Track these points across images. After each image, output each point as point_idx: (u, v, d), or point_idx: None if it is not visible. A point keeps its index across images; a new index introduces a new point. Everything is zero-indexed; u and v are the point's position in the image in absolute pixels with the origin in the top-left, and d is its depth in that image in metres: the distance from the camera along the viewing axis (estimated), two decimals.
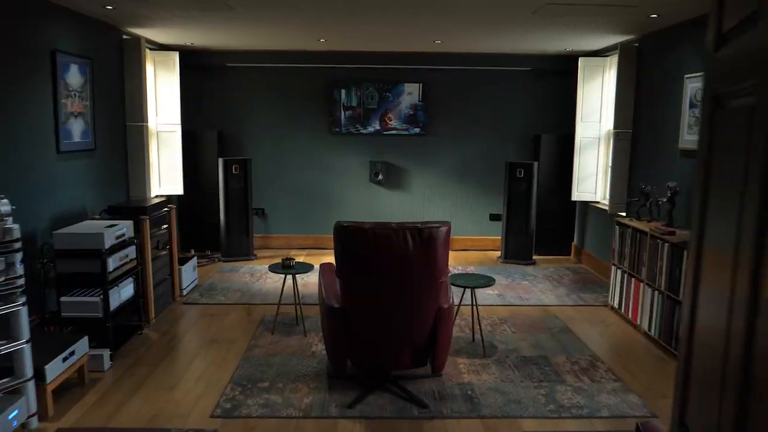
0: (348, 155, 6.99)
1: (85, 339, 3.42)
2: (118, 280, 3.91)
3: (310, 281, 5.70)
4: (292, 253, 6.91)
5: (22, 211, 3.65)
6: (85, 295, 3.71)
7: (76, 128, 4.45)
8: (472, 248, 7.18)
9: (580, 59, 6.20)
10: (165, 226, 4.81)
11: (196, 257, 5.53)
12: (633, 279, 4.56)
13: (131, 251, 4.08)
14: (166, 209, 4.87)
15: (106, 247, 3.72)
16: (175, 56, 6.13)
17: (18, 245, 2.82)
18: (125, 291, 4.01)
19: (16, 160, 3.74)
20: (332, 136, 6.96)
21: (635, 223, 4.56)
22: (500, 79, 6.89)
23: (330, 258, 6.37)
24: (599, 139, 6.23)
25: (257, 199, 7.05)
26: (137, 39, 5.25)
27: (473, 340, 4.19)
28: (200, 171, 6.68)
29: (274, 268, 4.30)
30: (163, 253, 4.80)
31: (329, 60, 6.68)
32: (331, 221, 6.92)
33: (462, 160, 7.02)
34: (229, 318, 4.65)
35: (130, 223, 4.09)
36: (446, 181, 7.05)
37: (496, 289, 5.52)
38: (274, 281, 5.70)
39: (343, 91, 6.83)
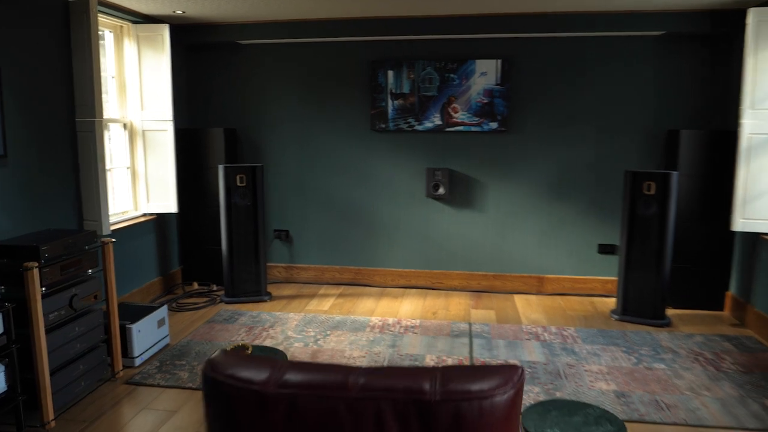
0: (397, 160, 5.14)
1: None
2: None
3: (318, 348, 3.91)
4: (321, 291, 5.17)
5: None
6: None
7: None
8: (571, 292, 5.09)
9: (752, 11, 3.94)
10: (90, 270, 3.22)
11: (165, 306, 3.91)
12: None
13: None
14: (92, 245, 3.27)
15: None
16: (165, 30, 4.58)
17: None
18: None
19: None
20: (376, 134, 5.14)
21: None
22: (617, 51, 4.75)
23: (368, 303, 4.56)
24: None
25: (280, 218, 5.37)
26: (85, 0, 3.71)
27: None
28: (202, 181, 5.11)
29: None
30: (93, 308, 3.22)
31: (372, 30, 4.86)
32: (374, 249, 5.12)
33: (559, 168, 4.95)
34: (182, 418, 2.97)
35: None
36: (535, 197, 5.02)
37: (611, 380, 3.46)
38: (276, 341, 3.98)
39: (390, 73, 4.99)
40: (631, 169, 4.37)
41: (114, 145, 4.65)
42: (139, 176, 4.76)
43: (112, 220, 4.47)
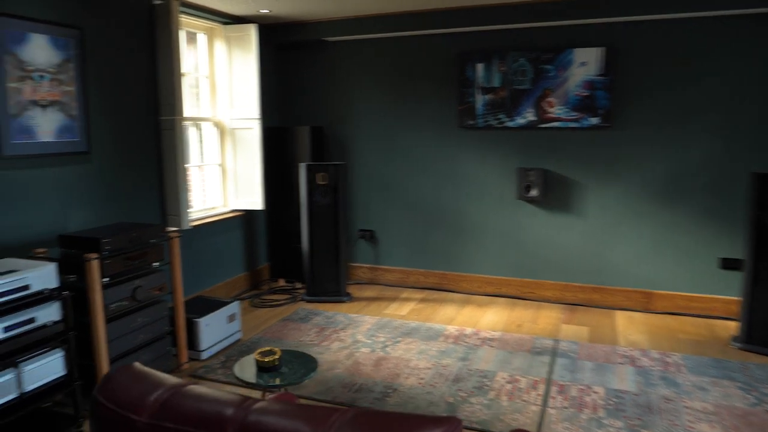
0: (486, 159, 4.81)
1: None
2: (6, 359, 2.47)
3: (372, 356, 3.72)
4: (404, 295, 4.98)
5: None
6: None
7: (47, 124, 3.17)
8: (685, 312, 4.42)
9: None
10: (156, 263, 3.30)
11: (237, 302, 3.95)
12: None
13: (50, 312, 2.61)
14: (159, 238, 3.35)
15: None
16: (252, 30, 4.66)
17: None
18: (35, 372, 2.56)
19: None
20: (464, 131, 4.84)
21: None
22: (744, 32, 4.04)
23: (448, 311, 4.30)
24: None
25: (365, 218, 5.27)
26: (168, 2, 3.84)
27: None
28: (288, 179, 5.14)
29: (249, 375, 2.43)
30: (159, 300, 3.30)
31: (460, 21, 4.58)
32: (461, 253, 4.85)
33: (671, 169, 4.33)
34: None
35: (49, 268, 2.62)
36: (643, 201, 4.43)
37: (716, 423, 2.91)
38: (344, 345, 3.86)
39: (480, 66, 4.67)
40: (758, 171, 3.67)
41: (206, 143, 4.82)
42: (228, 173, 4.90)
43: (201, 215, 4.63)
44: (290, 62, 5.35)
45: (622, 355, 3.69)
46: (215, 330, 3.72)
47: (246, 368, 2.39)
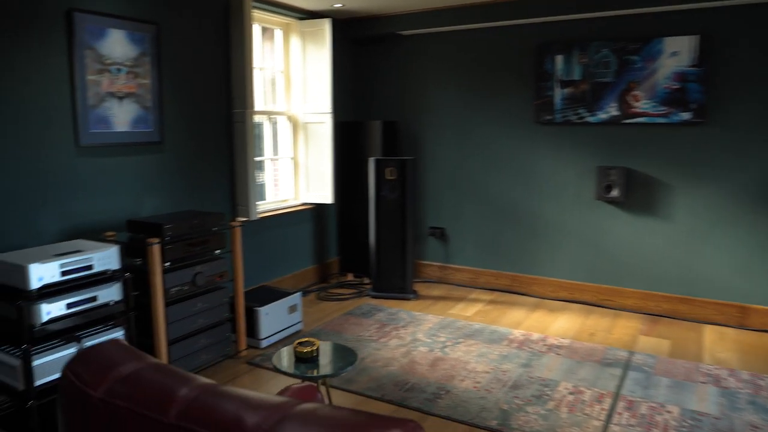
0: (564, 156, 4.54)
1: None
2: (68, 334, 2.62)
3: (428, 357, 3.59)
4: (472, 295, 4.82)
5: (15, 222, 2.63)
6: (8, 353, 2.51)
7: (123, 114, 3.35)
8: None
9: None
10: (218, 251, 3.38)
11: (299, 294, 3.98)
12: None
13: (111, 291, 2.74)
14: (220, 227, 3.44)
15: (33, 287, 2.43)
16: (326, 25, 4.69)
17: None
18: None
19: (18, 156, 2.76)
20: (541, 126, 4.60)
21: None
22: None
23: (517, 314, 4.11)
24: None
25: (435, 215, 5.16)
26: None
27: None
28: (359, 174, 5.13)
29: (286, 364, 2.41)
30: (220, 287, 3.39)
31: (539, 10, 4.35)
32: (534, 255, 4.64)
33: None
34: None
35: (112, 250, 2.75)
36: (741, 205, 3.99)
37: None
38: (402, 342, 3.78)
39: (559, 59, 4.41)
40: None
41: (280, 137, 4.92)
42: (300, 167, 4.97)
43: (273, 207, 4.73)
44: (364, 57, 5.34)
45: (705, 374, 3.34)
46: (275, 319, 3.77)
47: (285, 358, 2.38)
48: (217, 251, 3.38)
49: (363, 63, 5.36)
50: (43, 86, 2.97)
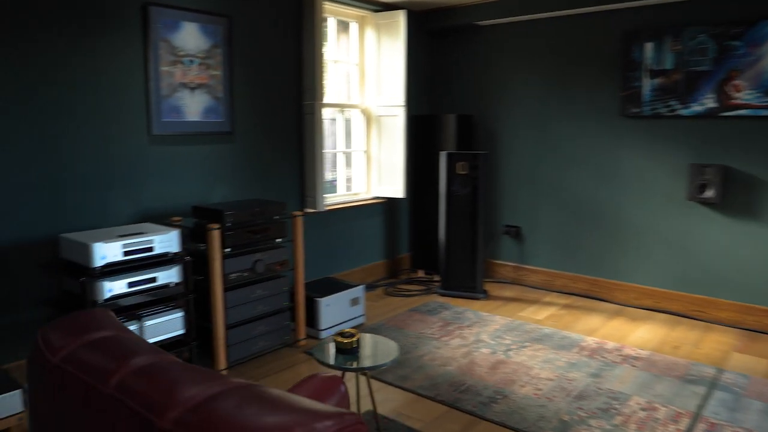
0: (652, 152, 4.18)
1: (14, 395, 2.33)
2: (129, 312, 2.73)
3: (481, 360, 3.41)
4: (546, 299, 4.56)
5: (90, 205, 2.82)
6: None
7: (194, 104, 3.47)
8: None
9: None
10: (279, 240, 3.41)
11: (362, 287, 3.94)
12: None
13: (170, 273, 2.83)
14: (282, 216, 3.46)
15: (97, 264, 2.56)
16: (401, 17, 4.63)
17: None
18: (156, 327, 2.81)
19: (95, 142, 2.95)
20: (627, 120, 4.26)
21: None
22: None
23: (592, 321, 3.85)
24: None
25: (511, 213, 4.94)
26: None
27: None
28: (432, 169, 5.02)
29: (326, 357, 2.35)
30: (280, 275, 3.43)
31: None
32: (617, 259, 4.34)
33: None
34: None
35: (173, 233, 2.84)
36: None
37: None
38: (464, 342, 3.64)
39: (648, 46, 4.06)
40: None
41: (354, 130, 4.92)
42: (372, 160, 4.94)
43: (344, 199, 4.74)
44: (439, 48, 5.22)
45: None
46: (336, 311, 3.75)
47: (327, 348, 2.34)
48: (278, 240, 3.41)
49: (438, 55, 5.24)
50: (119, 77, 3.13)
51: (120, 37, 3.11)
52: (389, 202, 5.07)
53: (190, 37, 3.40)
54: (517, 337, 3.75)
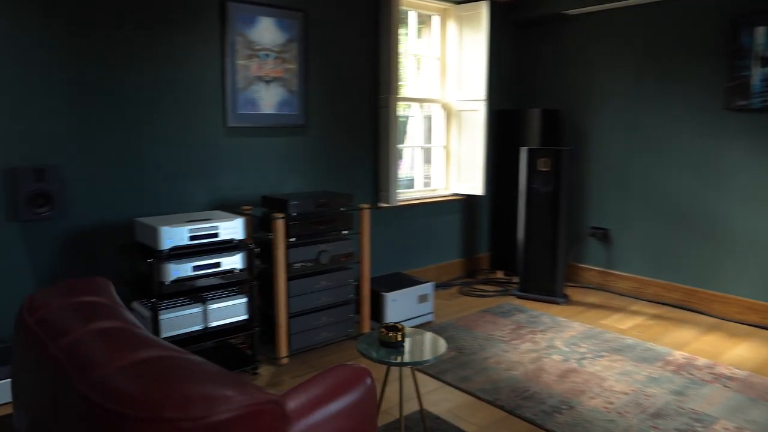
0: (761, 149, 3.73)
1: None
2: (192, 295, 2.84)
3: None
4: (634, 307, 4.22)
5: (167, 192, 3.02)
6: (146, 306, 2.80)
7: (269, 97, 3.56)
8: None
9: None
10: (345, 231, 3.41)
11: (431, 284, 3.85)
12: None
13: (234, 260, 2.91)
14: (349, 208, 3.46)
15: (164, 247, 2.68)
16: (483, 8, 4.48)
17: None
18: (219, 311, 2.90)
19: (173, 132, 3.13)
20: (732, 114, 3.84)
21: None
22: None
23: (684, 334, 3.53)
24: None
25: (598, 214, 4.63)
26: None
27: None
28: (515, 166, 4.81)
29: (366, 347, 2.30)
30: (346, 267, 3.43)
31: None
32: (717, 268, 3.96)
33: None
34: (388, 390, 2.90)
35: (237, 221, 2.92)
36: None
37: None
38: (535, 348, 3.44)
39: (760, 31, 3.62)
40: None
41: (434, 125, 4.83)
42: (451, 156, 4.83)
43: (421, 195, 4.67)
44: (524, 40, 4.99)
45: None
46: (402, 307, 3.70)
47: (371, 341, 2.29)
48: (345, 231, 3.41)
49: (523, 47, 5.02)
50: (197, 70, 3.27)
51: (199, 33, 3.26)
52: (468, 200, 4.94)
53: (266, 31, 3.49)
54: (594, 346, 3.50)
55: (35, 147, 2.80)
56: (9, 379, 2.32)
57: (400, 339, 2.19)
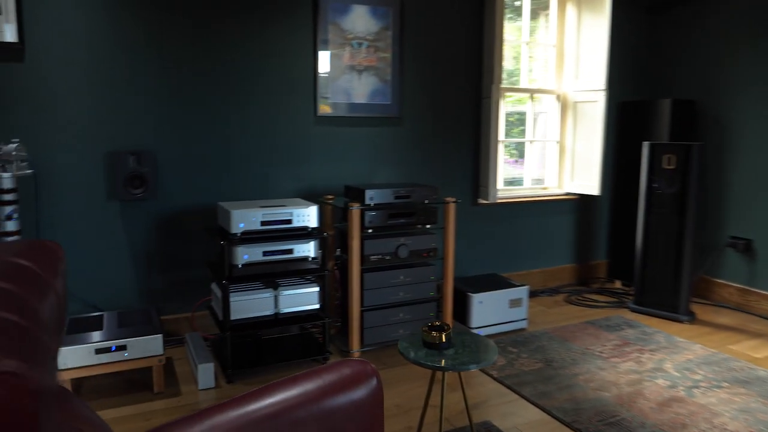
0: None
1: (157, 338, 2.63)
2: (264, 280, 2.87)
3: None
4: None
5: (254, 178, 3.16)
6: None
7: (361, 87, 3.52)
8: None
9: None
10: (428, 225, 3.24)
11: (526, 287, 3.55)
12: None
13: (306, 247, 2.90)
14: (431, 201, 3.28)
15: (235, 231, 2.75)
16: None
17: (9, 197, 2.36)
18: (291, 298, 2.91)
19: (263, 120, 3.24)
20: None
21: None
22: None
23: None
24: None
25: (740, 222, 3.97)
26: None
27: None
28: (638, 164, 4.29)
29: (408, 349, 2.13)
30: (427, 263, 3.27)
31: None
32: None
33: None
34: (470, 395, 2.71)
35: (311, 208, 2.90)
36: None
37: None
38: (637, 369, 3.02)
39: None
40: None
41: (549, 119, 4.47)
42: (566, 152, 4.43)
43: (529, 193, 4.36)
44: (654, 24, 4.41)
45: None
46: (491, 310, 3.45)
47: (415, 339, 2.12)
48: (428, 226, 3.26)
49: (651, 31, 4.45)
50: (289, 59, 3.32)
51: (291, 21, 3.30)
52: (583, 200, 4.50)
53: (359, 19, 3.45)
54: (713, 374, 2.98)
55: (133, 133, 3.03)
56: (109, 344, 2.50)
57: (444, 340, 2.00)
